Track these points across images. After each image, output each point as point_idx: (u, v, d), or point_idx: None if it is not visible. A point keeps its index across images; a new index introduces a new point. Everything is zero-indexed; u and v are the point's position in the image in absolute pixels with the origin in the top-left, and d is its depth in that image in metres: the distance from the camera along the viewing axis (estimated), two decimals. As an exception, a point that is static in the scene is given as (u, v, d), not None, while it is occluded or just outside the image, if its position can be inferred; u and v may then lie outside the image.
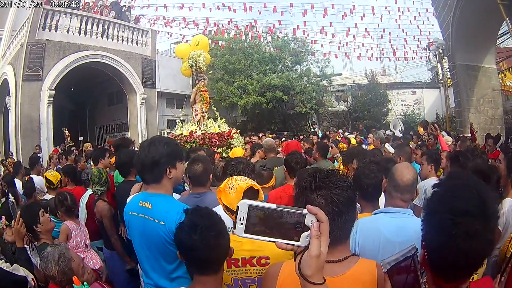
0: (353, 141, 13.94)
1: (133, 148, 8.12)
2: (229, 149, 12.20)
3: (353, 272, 2.03)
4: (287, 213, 1.47)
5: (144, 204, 3.37)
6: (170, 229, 3.07)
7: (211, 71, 27.43)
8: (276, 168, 6.82)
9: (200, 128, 13.61)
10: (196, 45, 14.51)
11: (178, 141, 12.81)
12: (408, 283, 1.64)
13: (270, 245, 2.53)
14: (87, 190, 6.92)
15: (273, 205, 1.47)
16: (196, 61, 13.96)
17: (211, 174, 4.84)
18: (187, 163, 4.85)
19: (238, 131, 15.25)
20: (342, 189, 2.04)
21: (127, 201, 4.00)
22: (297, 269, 1.47)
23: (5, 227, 4.97)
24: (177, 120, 15.62)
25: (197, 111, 14.14)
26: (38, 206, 4.74)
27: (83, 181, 7.62)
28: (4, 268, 3.45)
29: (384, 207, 3.68)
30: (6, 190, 7.32)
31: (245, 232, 1.50)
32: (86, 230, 5.61)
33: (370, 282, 2.07)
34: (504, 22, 16.95)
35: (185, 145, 12.64)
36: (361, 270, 2.08)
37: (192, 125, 13.97)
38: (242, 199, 2.61)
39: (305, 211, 1.46)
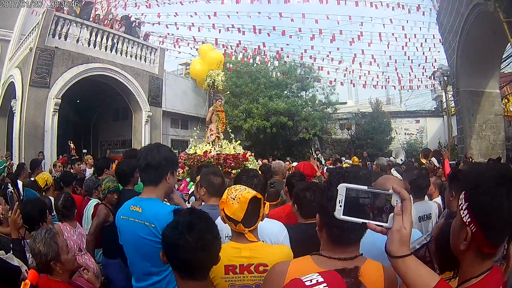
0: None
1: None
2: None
3: (362, 271, 1.95)
4: (377, 194, 1.69)
5: (135, 208, 3.46)
6: (161, 229, 2.98)
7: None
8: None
9: (214, 149, 13.59)
10: (218, 67, 14.58)
11: (191, 159, 13.09)
12: None
13: (268, 253, 2.97)
14: (90, 199, 6.87)
15: (365, 187, 1.70)
16: (214, 79, 14.06)
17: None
18: (203, 174, 4.97)
19: (253, 154, 15.34)
20: None
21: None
22: (385, 250, 1.67)
23: (1, 216, 5.18)
24: (191, 139, 15.70)
25: (212, 131, 14.15)
26: (45, 203, 4.81)
27: (85, 191, 7.50)
28: None
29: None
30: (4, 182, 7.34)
31: (343, 215, 1.69)
32: (83, 233, 5.60)
33: (378, 280, 2.13)
34: (509, 44, 17.04)
35: (199, 164, 12.38)
36: (369, 269, 2.12)
37: (206, 145, 13.94)
38: (247, 208, 2.94)
39: (390, 191, 1.67)
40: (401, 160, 26.51)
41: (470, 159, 16.77)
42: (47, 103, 19.23)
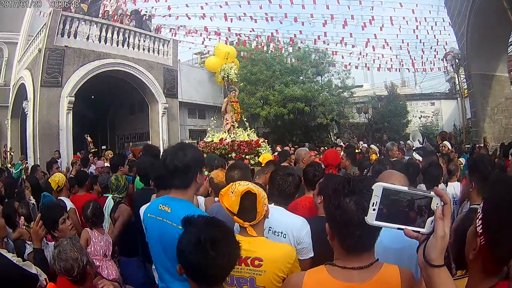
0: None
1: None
2: (257, 157, 12.55)
3: (379, 277, 2.10)
4: (416, 196, 1.53)
5: (163, 207, 3.38)
6: None
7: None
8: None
9: (230, 136, 14.17)
10: (226, 58, 15.19)
11: (209, 147, 13.77)
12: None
13: (264, 248, 3.07)
14: (107, 196, 6.93)
15: (405, 188, 1.54)
16: (227, 73, 14.84)
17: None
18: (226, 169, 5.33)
19: (266, 140, 16.06)
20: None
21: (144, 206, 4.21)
22: (421, 257, 1.54)
23: (23, 227, 5.39)
24: (208, 128, 16.37)
25: (228, 120, 14.87)
26: (60, 211, 4.78)
27: (103, 187, 7.65)
28: (15, 261, 3.45)
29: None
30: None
31: (376, 220, 1.55)
32: (110, 241, 5.61)
33: (395, 286, 2.10)
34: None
35: (215, 151, 13.17)
36: (385, 275, 2.12)
37: (222, 133, 14.63)
38: (240, 202, 3.05)
39: (432, 193, 1.53)
40: (419, 141, 26.59)
41: (487, 145, 16.76)
42: (60, 102, 19.29)
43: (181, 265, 2.37)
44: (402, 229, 1.53)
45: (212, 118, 18.32)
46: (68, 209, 5.83)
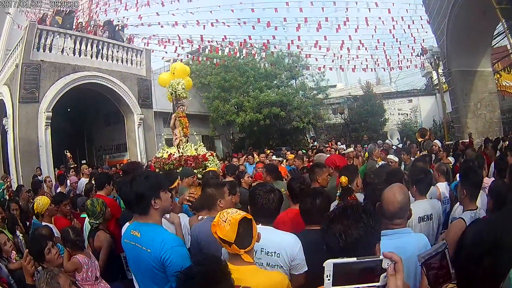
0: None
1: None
2: (204, 170, 12.44)
3: None
4: (367, 262, 1.75)
5: (134, 232, 3.67)
6: (155, 255, 3.40)
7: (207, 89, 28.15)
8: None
9: (179, 151, 14.25)
10: (173, 73, 15.05)
11: (159, 162, 13.82)
12: (440, 274, 1.88)
13: (255, 277, 3.05)
14: (85, 217, 6.89)
15: (354, 259, 1.75)
16: (175, 89, 14.62)
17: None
18: (202, 187, 5.45)
19: (215, 153, 16.04)
20: (355, 227, 2.16)
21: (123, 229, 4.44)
22: None
23: (14, 261, 5.49)
24: (159, 144, 16.64)
25: (177, 135, 14.83)
26: (44, 241, 4.81)
27: (80, 206, 7.92)
28: None
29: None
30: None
31: (332, 286, 1.73)
32: (97, 263, 5.57)
33: None
34: (499, 22, 17.09)
35: (165, 166, 13.44)
36: None
37: (172, 148, 14.72)
38: (238, 230, 3.07)
39: (381, 257, 1.75)
40: (397, 139, 26.78)
41: (473, 141, 16.93)
42: (38, 118, 19.19)
43: None
44: (359, 287, 1.73)
45: (162, 134, 19.11)
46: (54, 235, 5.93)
